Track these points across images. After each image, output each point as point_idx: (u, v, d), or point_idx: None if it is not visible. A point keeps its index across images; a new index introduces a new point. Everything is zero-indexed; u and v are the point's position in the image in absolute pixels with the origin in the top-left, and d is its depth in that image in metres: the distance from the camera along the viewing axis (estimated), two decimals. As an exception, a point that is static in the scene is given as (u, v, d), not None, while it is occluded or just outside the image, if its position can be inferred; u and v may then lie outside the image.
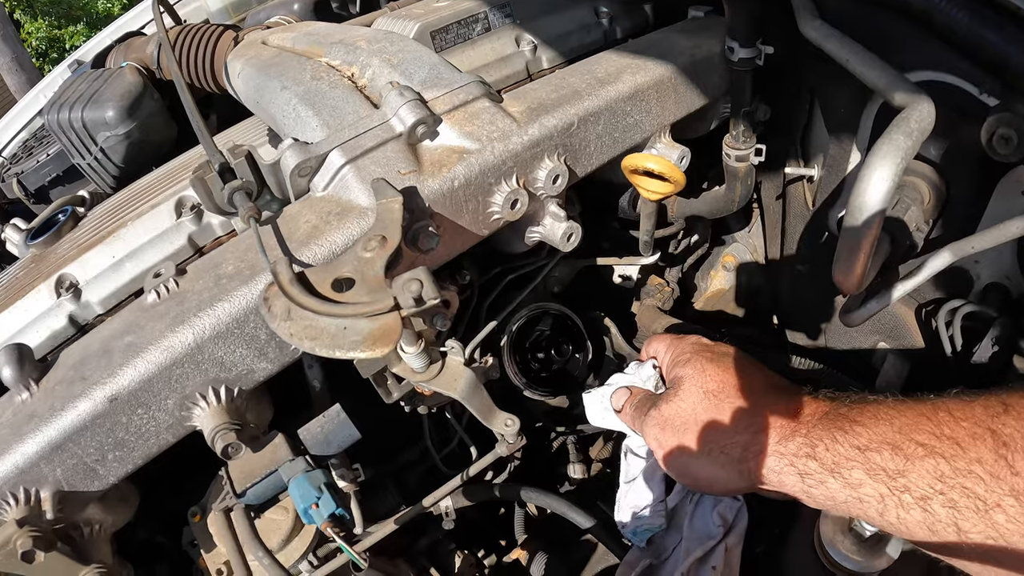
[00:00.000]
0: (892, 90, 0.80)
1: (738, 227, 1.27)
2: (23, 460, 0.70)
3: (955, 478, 0.60)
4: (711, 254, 1.30)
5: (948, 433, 0.62)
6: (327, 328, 0.62)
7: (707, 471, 0.76)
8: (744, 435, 0.74)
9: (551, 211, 0.89)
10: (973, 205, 0.90)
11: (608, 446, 1.28)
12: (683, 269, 1.27)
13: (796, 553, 0.91)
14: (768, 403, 0.75)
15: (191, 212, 0.94)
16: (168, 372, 0.72)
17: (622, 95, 0.91)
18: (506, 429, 0.83)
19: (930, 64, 0.86)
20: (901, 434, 0.64)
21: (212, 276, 0.75)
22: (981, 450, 0.59)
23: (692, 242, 1.23)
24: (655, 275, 1.24)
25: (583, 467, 1.24)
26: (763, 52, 0.95)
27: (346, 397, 0.85)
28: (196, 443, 0.76)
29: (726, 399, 0.77)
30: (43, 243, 1.09)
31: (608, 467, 1.27)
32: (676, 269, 1.26)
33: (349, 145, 0.79)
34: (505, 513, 1.33)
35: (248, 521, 0.73)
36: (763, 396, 0.77)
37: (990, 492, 0.58)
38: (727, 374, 0.80)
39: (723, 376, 0.79)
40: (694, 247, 1.26)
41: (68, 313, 0.95)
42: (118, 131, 1.22)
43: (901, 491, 0.63)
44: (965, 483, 0.59)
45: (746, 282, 1.25)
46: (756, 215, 1.25)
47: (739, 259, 1.26)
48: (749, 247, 1.24)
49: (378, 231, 0.69)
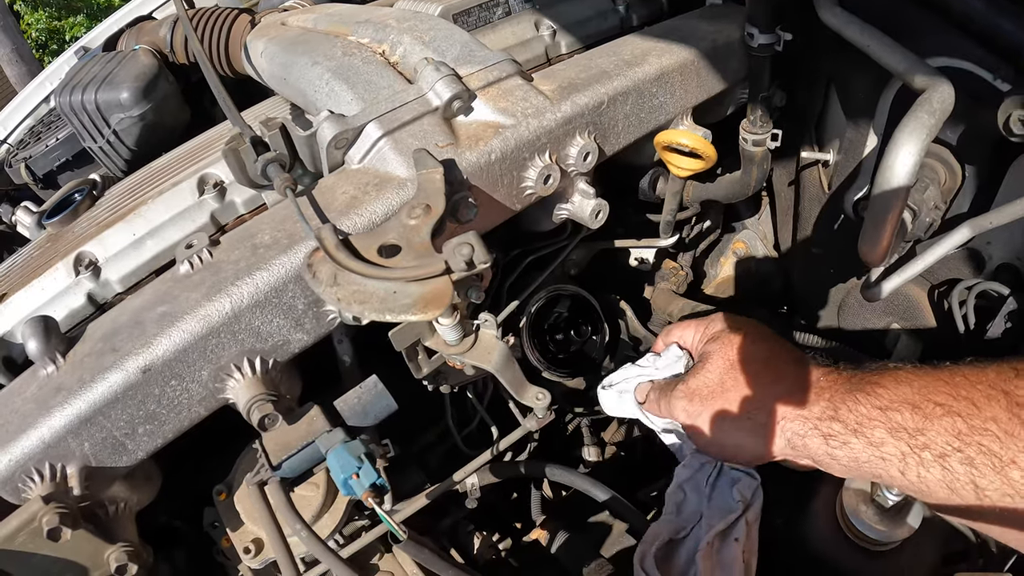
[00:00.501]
0: (912, 74, 0.81)
1: (748, 214, 1.27)
2: (50, 434, 0.67)
3: (972, 435, 0.61)
4: (721, 240, 1.30)
5: (964, 394, 0.63)
6: (376, 292, 0.60)
7: (734, 438, 0.77)
8: (770, 402, 0.74)
9: (580, 188, 0.88)
10: (986, 186, 0.91)
11: (621, 429, 1.27)
12: (696, 254, 1.26)
13: (817, 524, 0.91)
14: (793, 372, 0.76)
15: (214, 190, 0.92)
16: (204, 342, 0.70)
17: (649, 76, 0.90)
18: (537, 403, 0.82)
19: (946, 50, 0.87)
20: (920, 395, 0.65)
21: (248, 246, 0.73)
22: (996, 409, 0.60)
23: (704, 228, 1.23)
24: (668, 259, 1.23)
25: (597, 450, 1.23)
26: (782, 38, 0.95)
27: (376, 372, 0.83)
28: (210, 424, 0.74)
29: (752, 369, 0.78)
30: (60, 222, 1.05)
31: (621, 450, 1.26)
32: (689, 254, 1.25)
33: (386, 118, 0.77)
34: (518, 496, 1.32)
35: (285, 495, 0.71)
36: (788, 365, 0.78)
37: (1005, 449, 0.59)
38: (753, 346, 0.80)
39: (749, 348, 0.80)
40: (706, 232, 1.25)
41: (87, 291, 0.92)
42: (132, 113, 1.19)
43: (921, 449, 0.64)
44: (982, 440, 0.60)
45: (756, 268, 1.25)
46: (765, 202, 1.25)
47: (749, 245, 1.25)
48: (759, 234, 1.24)
49: (421, 200, 0.68)
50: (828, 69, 1.00)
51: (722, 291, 1.29)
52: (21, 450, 0.66)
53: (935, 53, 0.86)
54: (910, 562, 0.88)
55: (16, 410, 0.68)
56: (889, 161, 0.76)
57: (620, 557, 1.07)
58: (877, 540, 0.87)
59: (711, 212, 1.21)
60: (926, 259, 0.83)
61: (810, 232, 1.06)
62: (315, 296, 0.73)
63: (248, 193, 0.90)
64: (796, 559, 0.88)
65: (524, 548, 1.13)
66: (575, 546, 1.05)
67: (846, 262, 1.04)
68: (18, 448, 0.66)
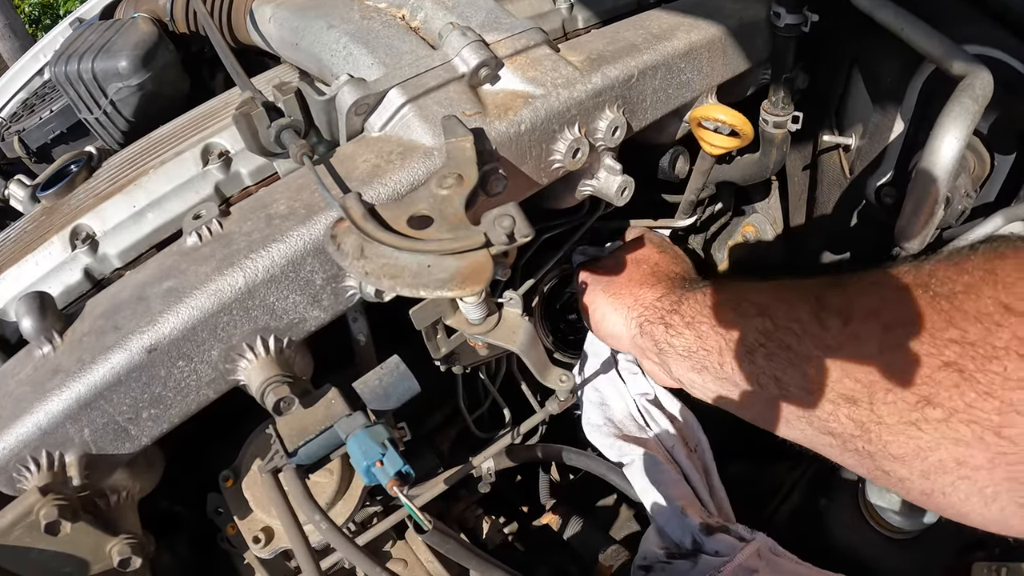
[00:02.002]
0: (950, 59, 0.76)
1: (759, 198, 1.20)
2: (47, 420, 0.59)
3: (775, 332, 0.64)
4: (731, 223, 1.23)
5: (783, 296, 0.66)
6: (408, 266, 0.53)
7: (610, 325, 0.85)
8: (636, 288, 0.84)
9: (607, 164, 0.80)
10: (1014, 177, 0.87)
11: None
12: (706, 237, 1.20)
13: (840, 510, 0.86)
14: (668, 271, 0.87)
15: (219, 160, 0.83)
16: (215, 319, 0.61)
17: (678, 51, 0.83)
18: (561, 385, 0.75)
19: (979, 39, 0.81)
20: (744, 297, 0.69)
21: (262, 216, 0.64)
22: (801, 311, 0.62)
23: (716, 210, 1.16)
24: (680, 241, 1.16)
25: (604, 434, 1.16)
26: (809, 19, 0.88)
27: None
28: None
29: (640, 265, 0.89)
30: (55, 194, 0.95)
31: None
32: (700, 236, 1.19)
33: (410, 84, 0.69)
34: (523, 480, 1.25)
35: (301, 482, 0.63)
36: (668, 266, 0.88)
37: (802, 344, 0.61)
38: (653, 250, 0.92)
39: (649, 250, 0.92)
40: (718, 215, 1.19)
41: (84, 266, 0.82)
42: (131, 82, 1.08)
43: (735, 343, 0.67)
44: (783, 337, 0.63)
45: (766, 252, 1.19)
46: (775, 187, 1.18)
47: (759, 229, 1.19)
48: (769, 218, 1.18)
49: (452, 169, 0.60)
50: (853, 52, 0.94)
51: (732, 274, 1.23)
52: (16, 437, 0.57)
53: (967, 41, 0.80)
54: (929, 550, 0.83)
55: (10, 393, 0.60)
56: (935, 145, 0.72)
57: (629, 542, 1.01)
58: (899, 528, 0.82)
59: (724, 194, 1.15)
60: (959, 245, 0.77)
61: (828, 216, 1.00)
62: (334, 271, 0.65)
63: (254, 164, 0.81)
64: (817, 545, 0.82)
65: (534, 533, 1.07)
66: (588, 532, 0.99)
67: (864, 247, 0.98)
68: (12, 435, 0.57)
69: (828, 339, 0.59)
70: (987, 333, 0.49)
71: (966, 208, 0.82)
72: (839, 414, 0.59)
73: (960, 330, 0.50)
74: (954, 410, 0.50)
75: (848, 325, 0.58)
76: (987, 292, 0.50)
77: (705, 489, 0.79)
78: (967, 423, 0.50)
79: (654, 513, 0.76)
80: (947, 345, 0.51)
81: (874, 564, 0.82)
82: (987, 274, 0.51)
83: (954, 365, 0.50)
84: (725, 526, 0.72)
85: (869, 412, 0.56)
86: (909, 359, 0.53)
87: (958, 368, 0.50)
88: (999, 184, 0.87)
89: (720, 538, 0.70)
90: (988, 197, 0.88)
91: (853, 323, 0.58)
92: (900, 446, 0.55)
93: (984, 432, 0.49)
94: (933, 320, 0.52)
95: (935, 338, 0.52)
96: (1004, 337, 0.48)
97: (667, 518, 0.74)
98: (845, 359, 0.58)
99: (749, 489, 1.05)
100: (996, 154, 0.85)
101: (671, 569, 0.72)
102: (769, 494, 0.98)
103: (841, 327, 0.59)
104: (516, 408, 1.02)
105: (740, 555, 0.67)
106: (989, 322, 0.49)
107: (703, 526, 0.71)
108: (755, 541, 0.69)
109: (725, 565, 0.67)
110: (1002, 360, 0.48)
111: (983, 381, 0.48)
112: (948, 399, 0.51)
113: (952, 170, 0.72)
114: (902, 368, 0.53)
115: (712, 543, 0.70)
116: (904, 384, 0.53)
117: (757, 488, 1.05)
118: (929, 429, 0.52)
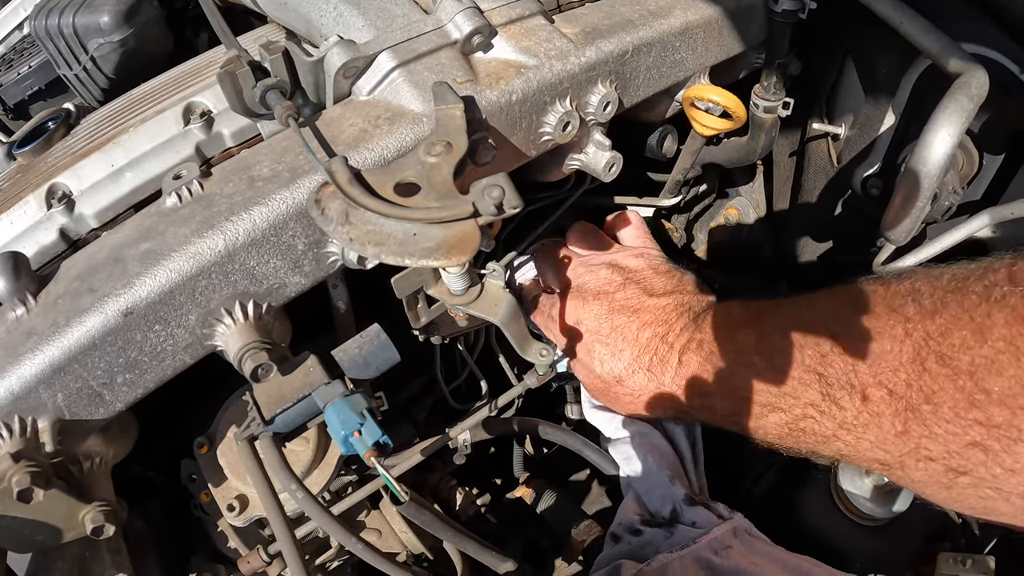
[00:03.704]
0: (947, 56, 0.75)
1: (743, 181, 1.19)
2: (19, 385, 0.56)
3: (796, 423, 0.64)
4: (714, 205, 1.22)
5: (791, 374, 0.63)
6: (394, 233, 0.51)
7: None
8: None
9: (596, 139, 0.78)
10: (1000, 176, 0.86)
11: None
12: (689, 218, 1.18)
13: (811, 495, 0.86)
14: None
15: (200, 119, 0.79)
16: (193, 283, 0.59)
17: (674, 29, 0.80)
18: (540, 359, 0.74)
19: (975, 38, 0.80)
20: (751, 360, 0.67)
21: (245, 178, 0.62)
22: (812, 393, 0.62)
23: (700, 191, 1.15)
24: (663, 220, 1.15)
25: (580, 408, 1.15)
26: (807, 6, 0.86)
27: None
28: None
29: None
30: (31, 151, 0.91)
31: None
32: (683, 216, 1.17)
33: (401, 48, 0.66)
34: (496, 453, 1.24)
35: (278, 451, 0.61)
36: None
37: (822, 427, 0.62)
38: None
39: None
40: (702, 196, 1.17)
41: (59, 226, 0.79)
42: (113, 38, 1.04)
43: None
44: (804, 425, 0.64)
45: (748, 235, 1.18)
46: (760, 171, 1.17)
47: (742, 212, 1.18)
48: (752, 201, 1.17)
49: (441, 136, 0.58)
50: (847, 42, 0.92)
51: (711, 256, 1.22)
52: (-14, 402, 0.55)
53: (963, 39, 0.79)
54: (897, 538, 0.84)
55: (-19, 357, 0.57)
56: (928, 140, 0.71)
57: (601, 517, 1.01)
58: (869, 515, 0.82)
59: (709, 176, 1.13)
60: (943, 241, 0.77)
61: (813, 204, 0.99)
62: (316, 236, 0.63)
63: (236, 125, 0.78)
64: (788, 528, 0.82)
65: (507, 505, 1.06)
66: (561, 506, 0.98)
67: (846, 236, 0.97)
68: (-17, 399, 0.54)
69: (848, 420, 0.60)
70: (1012, 416, 0.49)
71: (952, 204, 0.81)
72: (878, 472, 0.62)
73: (985, 413, 0.50)
74: (982, 479, 0.52)
75: (866, 403, 0.58)
76: (1010, 371, 0.49)
77: (692, 466, 0.79)
78: (994, 489, 0.52)
79: (635, 481, 0.75)
80: (972, 426, 0.51)
81: (842, 548, 0.82)
82: (1009, 347, 0.50)
83: (980, 445, 0.51)
84: (707, 502, 0.72)
85: (904, 475, 0.59)
86: (935, 437, 0.54)
87: (984, 448, 0.51)
88: (986, 183, 0.86)
89: (700, 511, 0.70)
90: (974, 195, 0.87)
91: (871, 403, 0.58)
92: (936, 496, 0.58)
93: (1011, 496, 0.52)
94: (956, 399, 0.52)
95: (960, 417, 0.52)
96: None
97: (649, 485, 0.74)
98: (871, 438, 0.59)
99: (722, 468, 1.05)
100: (985, 153, 0.84)
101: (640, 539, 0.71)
102: (743, 474, 0.98)
103: (861, 406, 0.58)
104: (493, 381, 1.01)
105: (716, 530, 0.67)
106: (1014, 405, 0.49)
107: (687, 498, 0.71)
108: (733, 519, 0.69)
109: (700, 537, 0.66)
110: None
111: (1009, 461, 0.50)
112: (976, 471, 0.52)
113: (943, 166, 0.71)
114: (929, 444, 0.54)
115: (691, 514, 0.70)
116: (931, 459, 0.55)
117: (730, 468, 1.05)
118: (960, 489, 0.55)
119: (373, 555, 0.63)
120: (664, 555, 0.66)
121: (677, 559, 0.65)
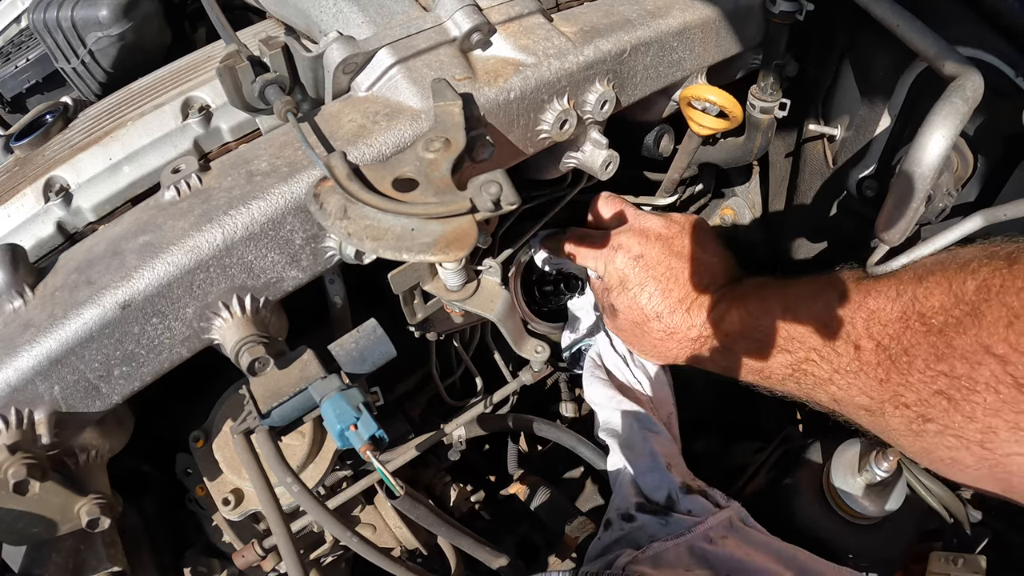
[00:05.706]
0: (943, 59, 0.75)
1: (739, 181, 1.19)
2: (16, 376, 0.56)
3: (801, 364, 0.75)
4: (709, 206, 1.22)
5: (810, 320, 0.74)
6: (392, 228, 0.51)
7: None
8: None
9: (593, 138, 0.78)
10: (994, 179, 0.87)
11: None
12: (686, 219, 1.19)
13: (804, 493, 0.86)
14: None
15: (199, 114, 0.79)
16: (191, 276, 0.59)
17: (672, 29, 0.81)
18: (536, 356, 0.74)
19: (971, 41, 0.81)
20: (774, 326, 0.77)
21: (243, 173, 0.62)
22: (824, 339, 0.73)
23: (696, 191, 1.15)
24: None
25: (575, 406, 1.16)
26: (804, 7, 0.87)
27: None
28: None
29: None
30: (29, 144, 0.91)
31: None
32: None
33: (401, 44, 0.66)
34: (490, 449, 1.25)
35: (274, 444, 0.61)
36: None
37: (821, 370, 0.74)
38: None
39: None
40: (697, 196, 1.18)
41: (56, 220, 0.79)
42: (111, 32, 1.04)
43: (767, 378, 0.80)
44: (807, 368, 0.74)
45: (744, 235, 1.18)
46: (756, 172, 1.18)
47: (737, 212, 1.18)
48: (748, 202, 1.17)
49: (439, 133, 0.58)
50: (844, 44, 0.92)
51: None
52: (-17, 393, 0.54)
53: (959, 42, 0.80)
54: (889, 537, 0.84)
55: (-22, 349, 0.57)
56: (922, 142, 0.71)
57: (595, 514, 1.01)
58: (862, 514, 0.83)
59: (705, 176, 1.13)
60: (937, 242, 0.77)
61: (808, 205, 1.00)
62: (314, 231, 0.63)
63: (235, 120, 0.78)
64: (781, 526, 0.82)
65: (501, 502, 1.06)
66: (555, 502, 0.99)
67: (841, 237, 0.98)
68: (-20, 391, 0.54)
69: (843, 366, 0.70)
70: (971, 369, 0.59)
71: (946, 206, 0.82)
72: (861, 421, 0.72)
73: (949, 365, 0.60)
74: (946, 426, 0.61)
75: (858, 352, 0.69)
76: (972, 332, 0.59)
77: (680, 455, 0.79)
78: (956, 437, 0.61)
79: (631, 463, 0.76)
80: (938, 376, 0.61)
81: (834, 546, 0.82)
82: (974, 311, 0.60)
83: (944, 394, 0.61)
84: (704, 489, 0.72)
85: (883, 421, 0.68)
86: (909, 385, 0.64)
87: (947, 396, 0.61)
88: (980, 185, 0.87)
89: (696, 499, 0.70)
90: (968, 197, 0.88)
91: (862, 352, 0.68)
92: (909, 446, 0.67)
93: (970, 444, 0.60)
94: (928, 353, 0.62)
95: (930, 368, 0.62)
96: (984, 375, 0.57)
97: (645, 470, 0.74)
98: (860, 384, 0.69)
99: (715, 466, 1.05)
100: (980, 156, 0.85)
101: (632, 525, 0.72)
102: (735, 473, 0.98)
103: (854, 355, 0.69)
104: (488, 377, 1.01)
105: (712, 519, 0.68)
106: (973, 360, 0.58)
107: (683, 485, 0.71)
108: (729, 508, 0.70)
109: (696, 526, 0.67)
110: (982, 394, 0.58)
111: (967, 408, 0.59)
112: (940, 418, 0.62)
113: (937, 168, 0.71)
114: (904, 392, 0.64)
115: (687, 502, 0.70)
116: (906, 405, 0.64)
117: (723, 466, 1.06)
118: (928, 437, 0.63)
119: (368, 549, 0.63)
120: (659, 543, 0.67)
121: (672, 547, 0.66)
